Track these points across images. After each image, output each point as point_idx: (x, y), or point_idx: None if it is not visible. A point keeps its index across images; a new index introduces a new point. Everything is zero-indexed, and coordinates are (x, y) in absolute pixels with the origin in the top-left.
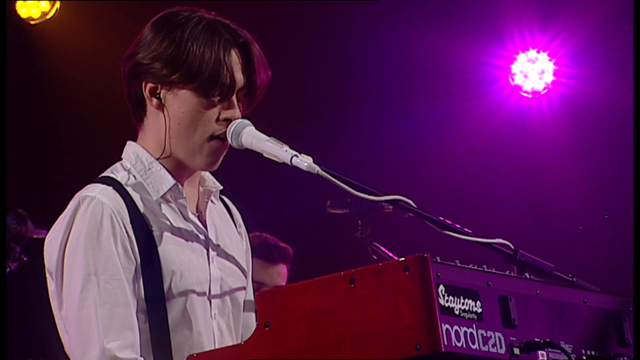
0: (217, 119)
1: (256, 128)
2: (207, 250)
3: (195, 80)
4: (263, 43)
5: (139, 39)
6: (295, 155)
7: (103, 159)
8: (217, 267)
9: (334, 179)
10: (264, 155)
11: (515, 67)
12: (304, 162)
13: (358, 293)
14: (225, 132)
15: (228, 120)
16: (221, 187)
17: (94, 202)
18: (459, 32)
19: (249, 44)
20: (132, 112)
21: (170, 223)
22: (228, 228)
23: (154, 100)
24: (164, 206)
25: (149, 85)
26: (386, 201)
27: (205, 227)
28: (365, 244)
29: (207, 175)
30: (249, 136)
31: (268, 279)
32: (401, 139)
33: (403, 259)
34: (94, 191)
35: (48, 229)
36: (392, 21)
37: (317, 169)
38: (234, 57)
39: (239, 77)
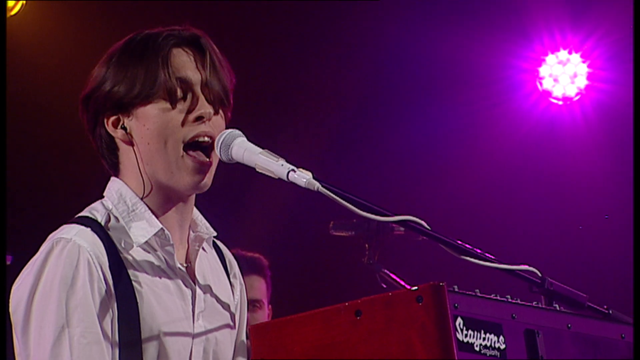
0: (185, 122)
1: (248, 139)
2: (193, 307)
3: (136, 86)
4: (268, 45)
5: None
6: (293, 170)
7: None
8: (202, 325)
9: (337, 197)
10: (257, 169)
11: (543, 70)
12: (303, 177)
13: (364, 326)
14: (201, 133)
15: (199, 119)
16: (214, 234)
17: (70, 244)
18: (482, 32)
19: (198, 38)
20: (107, 163)
21: (154, 274)
22: (218, 280)
23: (119, 132)
24: (147, 254)
25: (110, 119)
26: (396, 222)
27: (194, 279)
28: (373, 271)
29: (199, 219)
30: (240, 148)
31: None
32: (416, 151)
33: (416, 288)
34: (70, 233)
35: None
36: (409, 21)
37: (317, 185)
38: (181, 55)
39: (194, 72)
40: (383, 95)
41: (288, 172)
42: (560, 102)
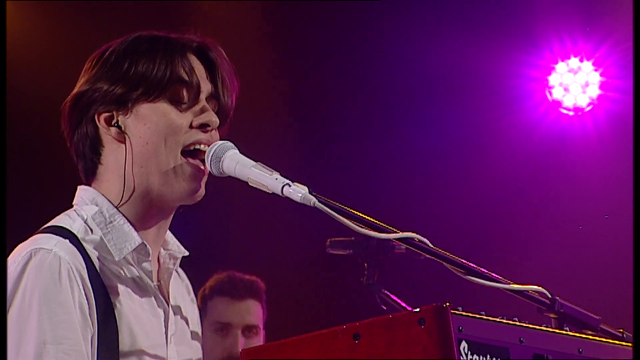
0: (190, 126)
1: (240, 151)
2: (166, 329)
3: (142, 84)
4: (264, 48)
5: (78, 80)
6: (288, 184)
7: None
8: (174, 348)
9: (334, 213)
10: (250, 184)
11: (553, 79)
12: (298, 192)
13: (363, 350)
14: (200, 140)
15: (204, 127)
16: (186, 253)
17: (51, 256)
18: (488, 39)
19: (207, 48)
20: (85, 165)
21: (130, 293)
22: (186, 302)
23: (113, 130)
24: (124, 270)
25: (103, 115)
26: (397, 239)
27: (167, 300)
28: (373, 292)
29: (170, 236)
30: (232, 161)
31: (235, 317)
32: (418, 163)
33: (418, 309)
34: (49, 243)
35: None
36: (413, 27)
37: (313, 200)
38: (192, 61)
39: (203, 81)
40: (385, 103)
41: (283, 187)
42: (571, 113)
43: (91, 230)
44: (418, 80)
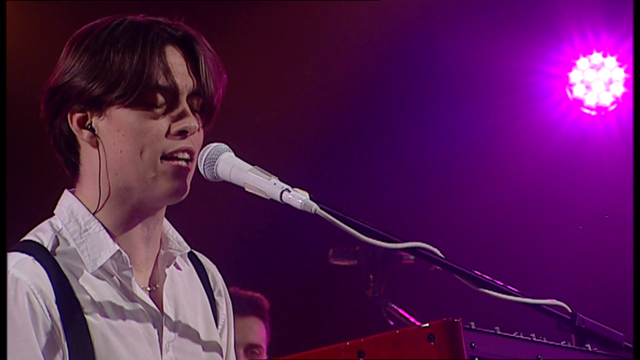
0: (168, 133)
1: (236, 154)
2: (160, 337)
3: (118, 86)
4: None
5: (57, 65)
6: (287, 189)
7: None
8: (173, 357)
9: (337, 221)
10: (246, 189)
11: (574, 76)
12: (299, 198)
13: None
14: (181, 149)
15: (183, 133)
16: (187, 250)
17: (8, 278)
18: (504, 33)
19: (191, 39)
20: (65, 162)
21: (111, 304)
22: (195, 301)
23: (85, 133)
24: (102, 281)
25: (76, 115)
26: (405, 249)
27: (160, 305)
28: (379, 306)
29: (171, 232)
30: (227, 165)
31: (238, 334)
32: (429, 167)
33: (427, 325)
34: (10, 264)
35: None
36: (427, 23)
37: (315, 207)
38: (173, 56)
39: (183, 78)
40: (394, 103)
41: (282, 192)
42: (594, 113)
43: (66, 241)
44: (428, 78)
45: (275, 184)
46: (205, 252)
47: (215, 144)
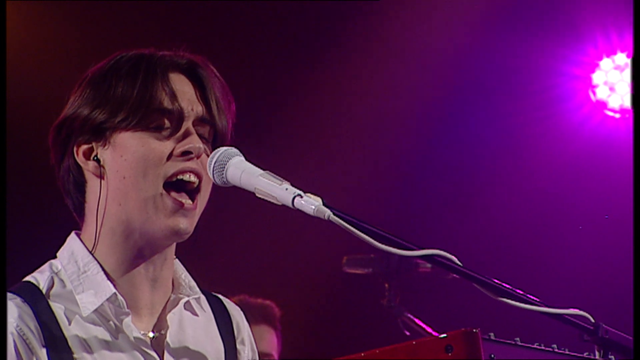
0: (170, 156)
1: (246, 159)
2: None
3: (121, 110)
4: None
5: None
6: (299, 195)
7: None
8: None
9: (351, 227)
10: (257, 194)
11: (597, 77)
12: (311, 204)
13: None
14: (184, 170)
15: (186, 154)
16: (198, 295)
17: None
18: (525, 33)
19: (196, 66)
20: (73, 204)
21: (103, 349)
22: (206, 348)
23: (91, 164)
24: (96, 326)
25: (82, 147)
26: (422, 257)
27: (161, 354)
28: (394, 315)
29: (184, 276)
30: (237, 169)
31: None
32: (447, 171)
33: (445, 335)
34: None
35: None
36: (445, 26)
37: (328, 213)
38: (178, 82)
39: (189, 103)
40: (411, 105)
41: (294, 198)
42: (618, 115)
43: (62, 283)
44: (447, 79)
45: (287, 189)
46: (216, 260)
47: (224, 148)
